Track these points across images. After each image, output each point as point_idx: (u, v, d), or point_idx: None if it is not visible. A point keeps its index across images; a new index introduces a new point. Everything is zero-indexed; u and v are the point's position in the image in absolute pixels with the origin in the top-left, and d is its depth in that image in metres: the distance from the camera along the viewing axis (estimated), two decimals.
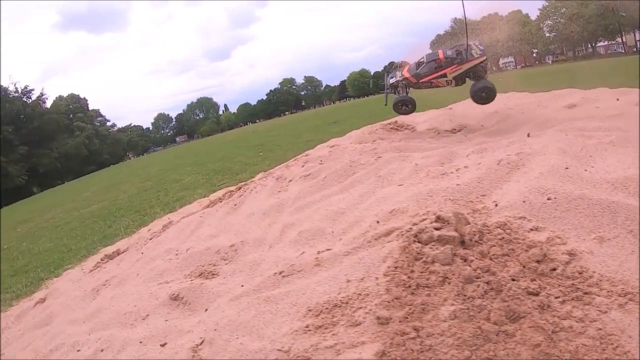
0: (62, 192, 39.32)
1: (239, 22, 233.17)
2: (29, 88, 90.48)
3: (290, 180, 5.49)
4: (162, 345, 2.94)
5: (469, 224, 2.70)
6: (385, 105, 6.12)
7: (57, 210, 20.13)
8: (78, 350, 3.48)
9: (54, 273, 8.26)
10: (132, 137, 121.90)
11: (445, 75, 5.40)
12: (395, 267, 2.51)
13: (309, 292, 2.71)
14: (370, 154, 5.38)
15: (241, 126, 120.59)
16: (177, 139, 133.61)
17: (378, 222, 3.22)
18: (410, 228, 2.77)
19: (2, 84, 72.73)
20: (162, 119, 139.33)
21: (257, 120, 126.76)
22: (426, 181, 3.81)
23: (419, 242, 2.61)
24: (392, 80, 5.93)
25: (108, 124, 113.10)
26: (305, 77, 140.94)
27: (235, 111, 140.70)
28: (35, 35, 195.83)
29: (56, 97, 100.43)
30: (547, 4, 73.35)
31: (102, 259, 6.99)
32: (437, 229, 2.65)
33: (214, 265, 4.00)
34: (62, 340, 3.79)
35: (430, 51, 6.01)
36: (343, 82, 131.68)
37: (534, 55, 78.80)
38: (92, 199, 20.05)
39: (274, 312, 2.69)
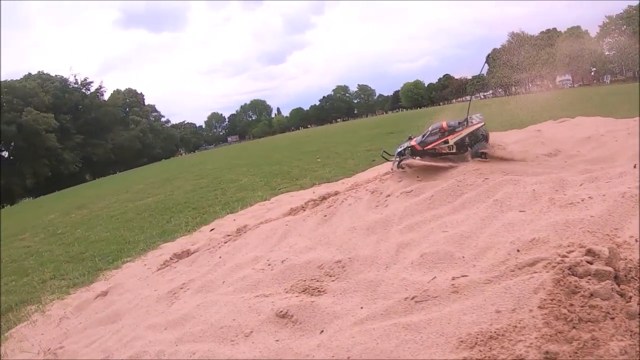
0: (114, 182, 40.48)
1: (295, 27, 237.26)
2: (88, 80, 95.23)
3: (389, 196, 5.19)
4: None
5: (623, 259, 2.59)
6: (392, 170, 6.08)
7: (111, 199, 20.53)
8: None
9: (112, 264, 8.19)
10: (185, 133, 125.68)
11: (447, 141, 5.52)
12: (552, 300, 2.38)
13: (455, 322, 2.55)
14: (475, 174, 5.08)
15: (293, 130, 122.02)
16: (229, 138, 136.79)
17: (518, 250, 3.03)
18: (562, 260, 2.63)
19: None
20: (215, 118, 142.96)
21: (309, 126, 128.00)
22: (555, 210, 3.58)
23: (574, 275, 2.50)
24: (399, 150, 6.05)
25: (162, 119, 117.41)
26: (358, 85, 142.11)
27: (288, 115, 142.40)
28: (97, 30, 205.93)
29: (114, 91, 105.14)
30: (607, 20, 70.91)
31: (171, 258, 6.79)
32: (589, 262, 2.56)
33: (318, 281, 3.69)
34: (143, 348, 3.49)
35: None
36: (396, 92, 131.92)
37: (592, 73, 75.97)
38: (146, 191, 20.31)
39: (418, 341, 2.51)
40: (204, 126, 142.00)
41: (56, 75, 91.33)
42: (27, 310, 6.78)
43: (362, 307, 3.07)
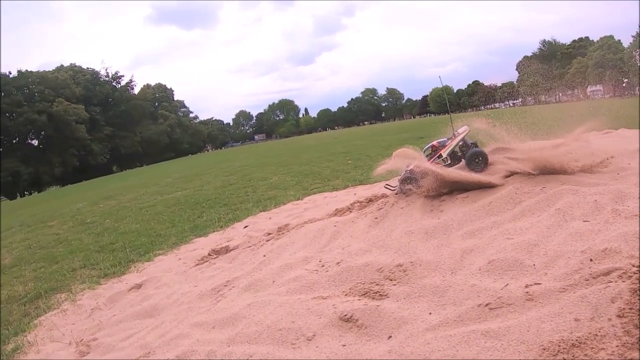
0: (142, 175, 40.91)
1: (325, 29, 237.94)
2: (119, 74, 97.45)
3: (443, 200, 5.07)
4: None
5: None
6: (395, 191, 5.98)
7: (139, 191, 20.60)
8: None
9: (144, 257, 8.14)
10: (213, 130, 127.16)
11: (440, 155, 5.64)
12: (630, 309, 2.43)
13: (534, 329, 2.56)
14: (531, 182, 4.94)
15: (320, 131, 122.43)
16: (256, 137, 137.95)
17: (591, 260, 3.05)
18: (638, 270, 2.71)
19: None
20: (243, 116, 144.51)
21: (336, 127, 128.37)
22: (621, 221, 3.56)
23: None
24: (399, 178, 5.98)
25: (191, 115, 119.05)
26: (387, 88, 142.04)
27: (315, 115, 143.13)
28: (129, 25, 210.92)
29: (144, 85, 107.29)
30: None
31: (209, 254, 6.70)
32: None
33: (378, 284, 3.59)
34: (191, 347, 3.37)
35: None
36: (425, 97, 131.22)
37: (624, 84, 74.21)
38: (175, 185, 20.34)
39: (499, 348, 2.50)
40: (231, 123, 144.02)
41: (88, 68, 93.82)
42: (57, 298, 6.75)
43: (430, 313, 3.03)
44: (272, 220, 8.36)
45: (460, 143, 5.60)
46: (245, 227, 8.52)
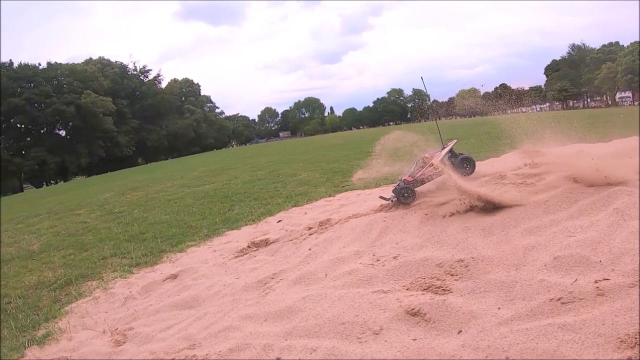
0: (167, 168, 41.26)
1: (352, 28, 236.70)
2: (147, 68, 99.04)
3: None
4: None
5: None
6: (392, 202, 5.95)
7: (166, 183, 20.69)
8: (278, 359, 2.99)
9: (176, 247, 8.13)
10: (238, 126, 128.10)
11: (432, 165, 5.79)
12: None
13: (609, 323, 2.62)
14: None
15: (345, 130, 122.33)
16: (281, 134, 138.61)
17: None
18: None
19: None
20: (268, 113, 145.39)
21: (361, 127, 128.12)
22: None
23: None
24: (394, 189, 6.05)
25: (217, 110, 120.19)
26: (413, 89, 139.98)
27: (341, 114, 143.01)
28: (157, 21, 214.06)
29: (171, 80, 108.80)
30: None
31: (248, 246, 6.63)
32: None
33: (439, 279, 3.57)
34: (245, 340, 3.28)
35: None
36: (451, 99, 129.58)
37: None
38: (202, 178, 20.39)
39: (577, 341, 2.56)
40: (256, 120, 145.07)
41: (116, 61, 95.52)
42: (88, 286, 6.75)
43: (499, 308, 3.05)
44: (307, 216, 8.28)
45: (448, 154, 5.76)
46: (279, 221, 8.44)
